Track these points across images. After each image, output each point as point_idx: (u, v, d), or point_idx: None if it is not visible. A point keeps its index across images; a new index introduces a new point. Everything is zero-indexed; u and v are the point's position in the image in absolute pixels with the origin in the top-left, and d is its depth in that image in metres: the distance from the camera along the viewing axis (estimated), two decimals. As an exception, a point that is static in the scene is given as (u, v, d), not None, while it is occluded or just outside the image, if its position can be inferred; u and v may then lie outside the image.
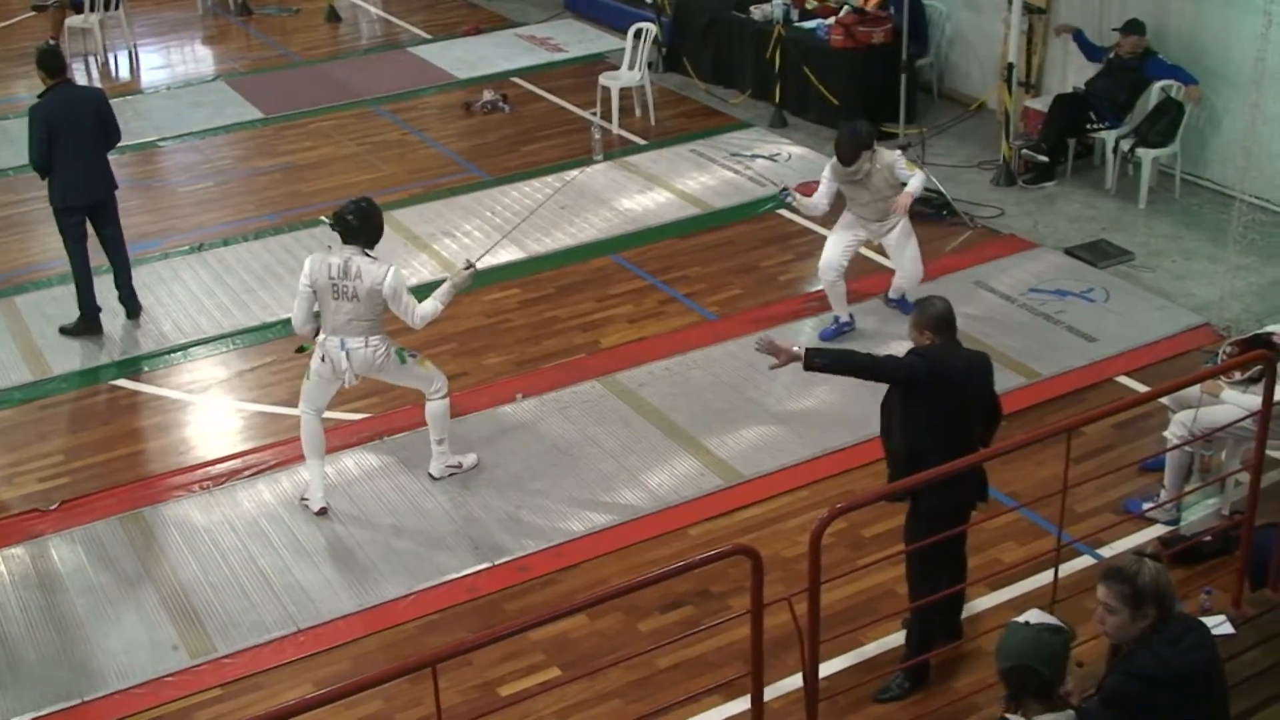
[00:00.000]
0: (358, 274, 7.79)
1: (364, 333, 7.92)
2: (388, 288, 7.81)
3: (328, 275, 7.83)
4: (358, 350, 7.94)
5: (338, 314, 7.88)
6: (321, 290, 7.88)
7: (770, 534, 7.95)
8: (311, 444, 8.22)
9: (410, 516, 8.26)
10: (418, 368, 8.26)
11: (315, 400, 8.18)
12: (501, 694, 6.89)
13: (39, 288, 11.13)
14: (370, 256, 7.89)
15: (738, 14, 14.74)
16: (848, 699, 6.59)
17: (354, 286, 7.79)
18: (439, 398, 8.34)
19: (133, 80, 16.55)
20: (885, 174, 9.49)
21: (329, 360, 7.99)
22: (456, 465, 8.57)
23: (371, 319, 7.91)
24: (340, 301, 7.84)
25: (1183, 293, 10.36)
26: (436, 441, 8.49)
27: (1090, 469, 8.11)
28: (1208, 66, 11.58)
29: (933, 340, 6.51)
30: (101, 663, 7.22)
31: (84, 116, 9.98)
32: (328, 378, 8.10)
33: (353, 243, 7.89)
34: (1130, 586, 4.92)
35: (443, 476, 8.52)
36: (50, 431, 9.31)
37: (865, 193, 9.58)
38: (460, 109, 14.85)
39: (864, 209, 9.70)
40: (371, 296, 7.81)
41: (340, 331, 7.92)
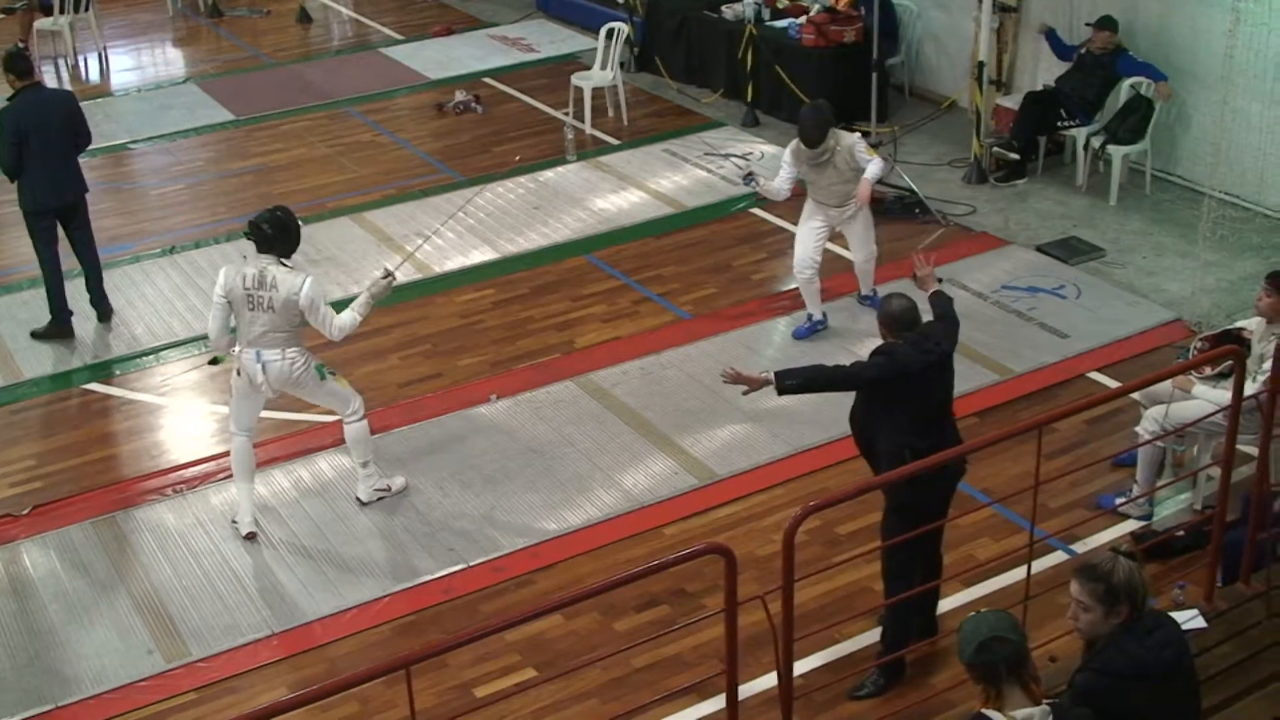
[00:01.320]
0: (273, 284, 7.57)
1: (280, 345, 7.69)
2: (304, 298, 7.59)
3: (242, 285, 7.61)
4: (274, 363, 7.71)
5: (253, 325, 7.65)
6: (237, 301, 7.65)
7: (745, 532, 7.97)
8: (241, 466, 8.02)
9: (383, 518, 8.24)
10: (336, 385, 8.04)
11: (242, 419, 7.98)
12: (477, 695, 6.89)
13: (9, 291, 11.08)
14: (286, 266, 7.68)
15: (709, 13, 14.76)
16: (823, 696, 6.60)
17: (270, 297, 7.58)
18: (355, 420, 8.11)
19: (103, 82, 16.48)
20: (846, 156, 9.46)
21: (245, 374, 7.78)
22: (385, 489, 8.38)
23: (288, 330, 7.68)
24: (256, 312, 7.62)
25: (1154, 289, 10.41)
26: (361, 465, 8.28)
27: (1063, 465, 8.15)
28: (1177, 63, 11.64)
29: (896, 337, 6.54)
30: (75, 668, 7.19)
31: (54, 119, 9.93)
32: (246, 393, 7.87)
33: (268, 252, 7.67)
34: (1105, 585, 4.94)
35: (371, 500, 8.32)
36: (22, 436, 9.27)
37: (827, 175, 9.55)
38: (432, 110, 14.83)
39: (825, 193, 9.67)
40: (288, 307, 7.59)
41: (256, 343, 7.69)
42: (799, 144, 9.52)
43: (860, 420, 6.69)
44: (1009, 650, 4.76)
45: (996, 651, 4.75)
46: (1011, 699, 4.77)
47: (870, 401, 6.60)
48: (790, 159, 9.69)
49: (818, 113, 9.46)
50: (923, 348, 6.47)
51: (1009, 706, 4.77)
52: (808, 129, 9.41)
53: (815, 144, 9.40)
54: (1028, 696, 4.78)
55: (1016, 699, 4.77)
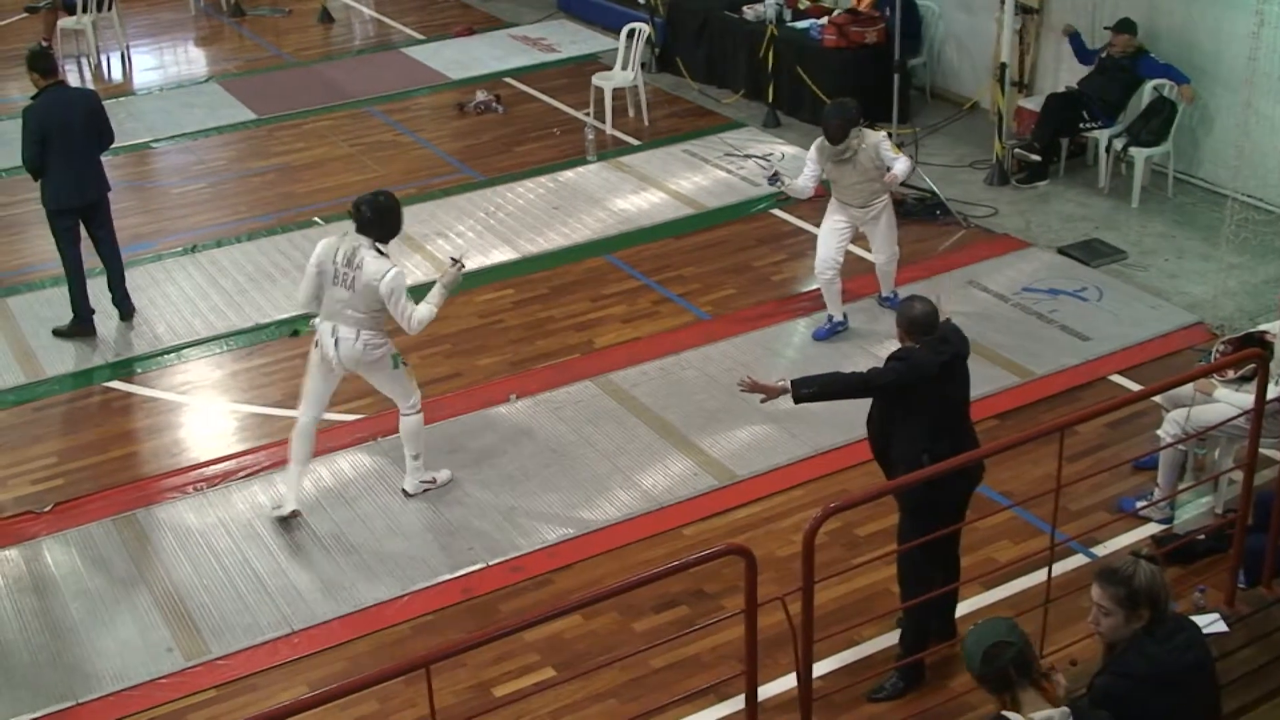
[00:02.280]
0: (359, 264, 7.70)
1: (357, 325, 7.83)
2: (385, 286, 7.70)
3: (332, 259, 7.79)
4: (347, 340, 7.85)
5: (334, 300, 7.83)
6: (324, 274, 7.83)
7: (764, 533, 7.95)
8: (300, 448, 8.11)
9: (404, 517, 8.26)
10: (404, 377, 8.16)
11: (312, 399, 8.11)
12: (496, 694, 6.89)
13: (32, 289, 11.12)
14: (379, 251, 7.81)
15: (730, 14, 14.75)
16: (842, 698, 6.58)
17: (353, 276, 7.72)
18: (413, 413, 8.22)
19: (125, 81, 16.54)
20: (871, 154, 9.43)
21: (321, 346, 7.94)
22: (431, 481, 8.46)
23: (365, 313, 7.81)
24: (337, 288, 7.79)
25: (1176, 291, 10.37)
26: (412, 457, 8.37)
27: (1084, 468, 8.12)
28: (1200, 66, 11.59)
29: (915, 341, 6.50)
30: (96, 665, 7.22)
31: (77, 118, 9.97)
32: (320, 369, 8.02)
33: (364, 233, 7.81)
34: (1126, 589, 4.93)
35: (417, 493, 8.40)
36: (44, 434, 9.30)
37: (851, 174, 9.54)
38: (453, 109, 14.85)
39: (848, 192, 9.66)
40: (368, 291, 7.72)
41: (334, 318, 7.86)
42: (823, 140, 9.53)
43: (877, 425, 6.66)
44: (1012, 653, 4.77)
45: (1001, 657, 4.76)
46: (1028, 701, 4.77)
47: (888, 407, 6.56)
48: (815, 155, 9.67)
49: (842, 109, 9.47)
50: (937, 349, 6.46)
51: (1027, 708, 4.77)
52: (831, 124, 9.42)
53: (838, 140, 9.39)
54: (1043, 696, 4.78)
55: (1033, 700, 4.77)
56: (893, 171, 9.48)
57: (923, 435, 6.40)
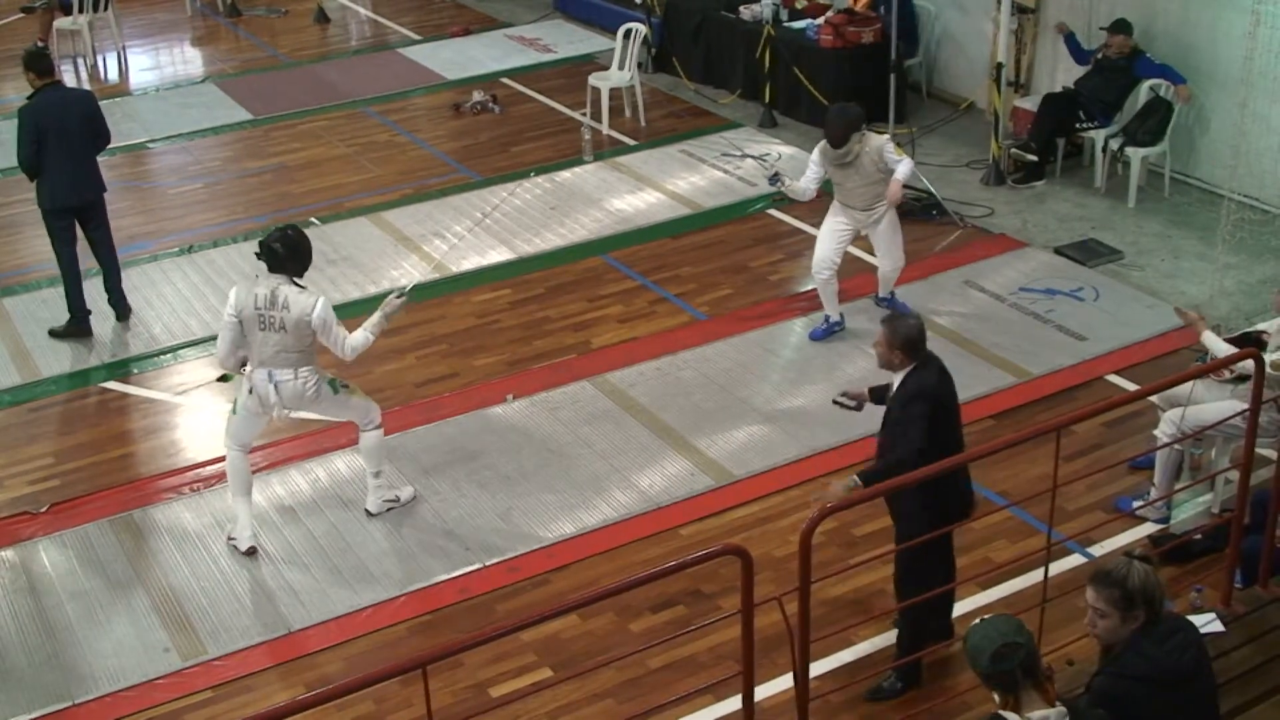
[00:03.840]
0: (285, 304, 7.47)
1: (293, 365, 7.64)
2: (316, 318, 7.51)
3: (254, 305, 7.51)
4: (287, 383, 7.66)
5: (265, 345, 7.58)
6: (248, 321, 7.54)
7: (761, 533, 7.96)
8: (239, 481, 7.96)
9: (400, 517, 8.25)
10: (351, 398, 8.00)
11: (242, 436, 7.92)
12: (493, 695, 6.88)
13: (28, 290, 11.11)
14: (298, 286, 7.62)
15: (727, 14, 14.76)
16: (839, 698, 6.59)
17: (281, 317, 7.48)
18: (372, 428, 8.05)
19: (121, 82, 16.53)
20: (874, 157, 9.41)
21: (256, 394, 7.72)
22: (394, 499, 8.34)
23: (300, 350, 7.63)
24: (267, 333, 7.53)
25: (1172, 291, 10.38)
26: (373, 475, 8.24)
27: (1080, 467, 8.13)
28: (1196, 66, 11.60)
29: (901, 360, 6.44)
30: (92, 666, 7.21)
31: (73, 118, 9.96)
32: (255, 412, 7.82)
33: (279, 271, 7.56)
34: (1120, 590, 4.92)
35: (380, 512, 8.28)
36: (40, 434, 9.29)
37: (854, 177, 9.52)
38: (450, 110, 14.85)
39: (851, 195, 9.64)
40: (300, 327, 7.51)
41: (268, 363, 7.64)
42: (825, 144, 9.54)
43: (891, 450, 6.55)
44: (1023, 654, 4.76)
45: (1011, 658, 4.74)
46: (1028, 701, 4.77)
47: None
48: (818, 158, 9.68)
49: (843, 112, 9.47)
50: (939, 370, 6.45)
51: (1026, 708, 4.76)
52: (833, 128, 9.43)
53: (840, 144, 9.39)
54: (1043, 697, 4.78)
55: (1033, 701, 4.76)
56: (891, 191, 9.41)
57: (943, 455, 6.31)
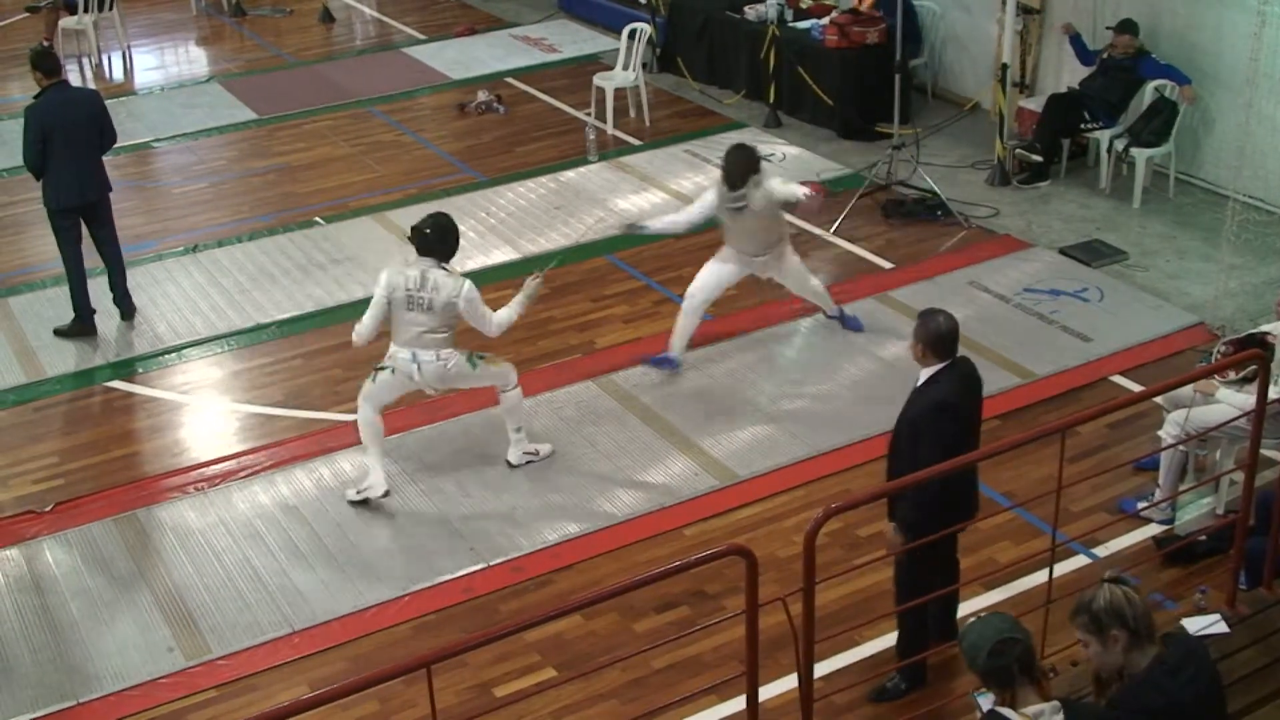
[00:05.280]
0: (434, 286, 7.88)
1: (436, 345, 8.00)
2: (464, 299, 7.91)
3: (405, 287, 7.90)
4: (429, 364, 8.03)
5: (411, 326, 7.96)
6: (397, 302, 7.95)
7: (765, 534, 7.95)
8: (371, 436, 8.24)
9: (405, 517, 8.26)
10: (490, 367, 8.35)
11: (376, 401, 8.24)
12: (497, 695, 6.89)
13: (33, 289, 11.12)
14: (445, 269, 7.98)
15: (732, 14, 14.74)
16: (843, 699, 6.59)
17: (430, 298, 7.89)
18: (511, 389, 8.44)
19: (126, 81, 16.54)
20: (766, 198, 9.01)
21: (399, 373, 8.07)
22: (534, 453, 8.65)
23: (445, 332, 8.01)
24: (415, 313, 7.92)
25: (1177, 292, 10.37)
26: (514, 430, 8.58)
27: (1085, 468, 8.12)
28: (1201, 66, 11.59)
29: (924, 355, 6.33)
30: (96, 664, 7.22)
31: (79, 117, 9.97)
32: (394, 387, 8.19)
33: (429, 255, 7.98)
34: (1087, 615, 4.92)
35: (520, 464, 8.60)
36: (44, 433, 9.30)
37: (746, 221, 9.14)
38: (454, 110, 14.85)
39: (740, 239, 9.28)
40: (447, 309, 7.91)
41: (412, 344, 8.00)
42: (721, 184, 9.13)
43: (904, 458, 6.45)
44: (1019, 650, 4.80)
45: (1007, 654, 4.78)
46: (1024, 697, 4.79)
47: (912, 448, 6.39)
48: (713, 197, 9.23)
49: (742, 153, 9.08)
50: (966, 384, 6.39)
51: (1021, 704, 4.78)
52: (730, 168, 9.02)
53: (736, 185, 9.00)
54: (1038, 693, 4.80)
55: (1029, 698, 4.79)
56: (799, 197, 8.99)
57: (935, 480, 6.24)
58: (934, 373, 6.35)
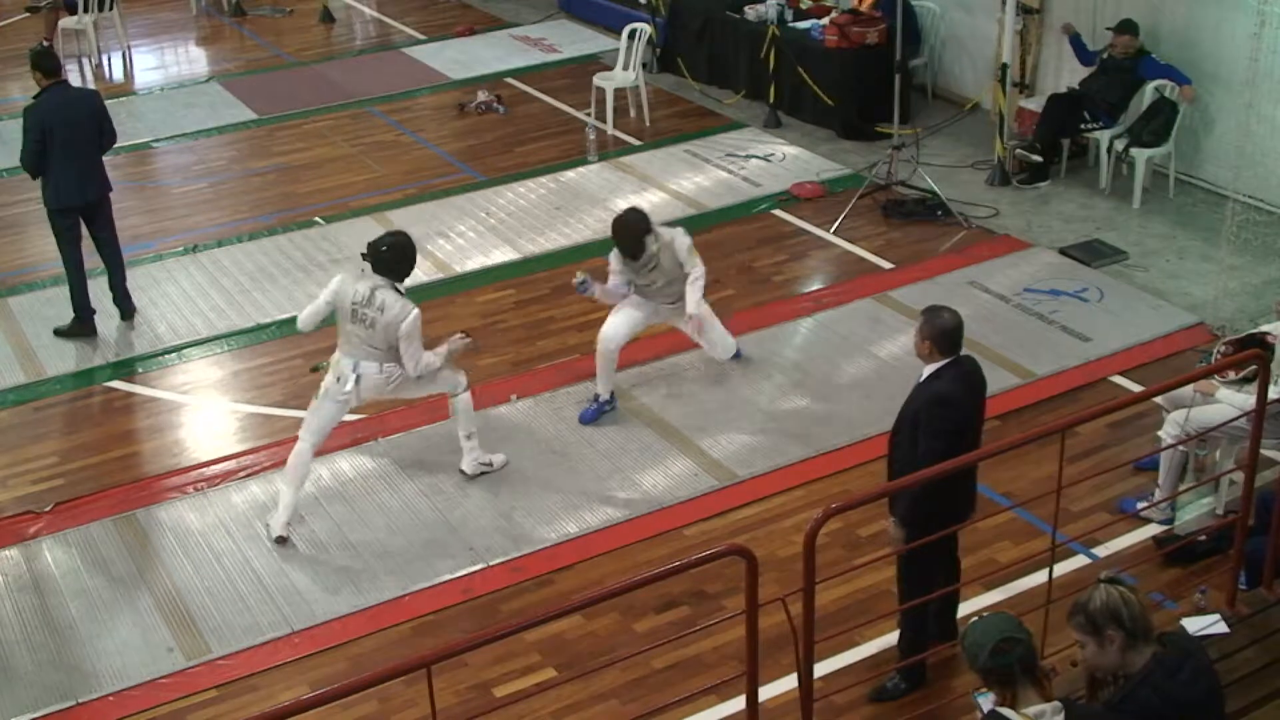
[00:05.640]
0: (381, 306, 7.80)
1: (379, 359, 7.95)
2: (405, 329, 7.80)
3: (350, 299, 7.86)
4: (369, 374, 7.96)
5: (352, 335, 7.92)
6: (341, 310, 7.92)
7: (765, 534, 7.95)
8: (297, 472, 8.07)
9: (404, 518, 8.26)
10: (437, 374, 8.22)
11: (317, 427, 8.10)
12: (497, 695, 6.89)
13: (33, 289, 11.11)
14: (398, 291, 7.90)
15: (732, 14, 14.75)
16: (843, 699, 6.59)
17: (374, 317, 7.82)
18: (462, 392, 8.39)
19: (126, 81, 16.54)
20: (670, 253, 8.81)
21: (342, 379, 7.99)
22: (488, 464, 8.57)
23: (385, 349, 7.92)
24: (356, 326, 7.88)
25: (1177, 292, 10.37)
26: (465, 437, 8.49)
27: (1085, 468, 8.12)
28: (1201, 67, 11.59)
29: (930, 352, 6.33)
30: (96, 665, 7.21)
31: (79, 117, 9.96)
32: (336, 398, 8.03)
33: (384, 273, 7.91)
34: (1083, 615, 4.92)
35: (475, 474, 8.53)
36: (44, 433, 9.30)
37: (658, 278, 8.90)
38: (454, 110, 14.85)
39: (654, 292, 9.00)
40: (388, 330, 7.82)
41: (354, 353, 7.95)
42: (620, 255, 8.87)
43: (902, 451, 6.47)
44: (1021, 650, 4.80)
45: (1009, 653, 4.79)
46: (1025, 697, 4.79)
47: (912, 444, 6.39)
48: (617, 266, 8.94)
49: (628, 224, 8.74)
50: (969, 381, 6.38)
51: (1023, 704, 4.79)
52: (624, 241, 8.75)
53: (636, 255, 8.76)
54: (1040, 693, 4.81)
55: (1030, 698, 4.79)
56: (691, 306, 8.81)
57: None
58: (938, 368, 6.36)
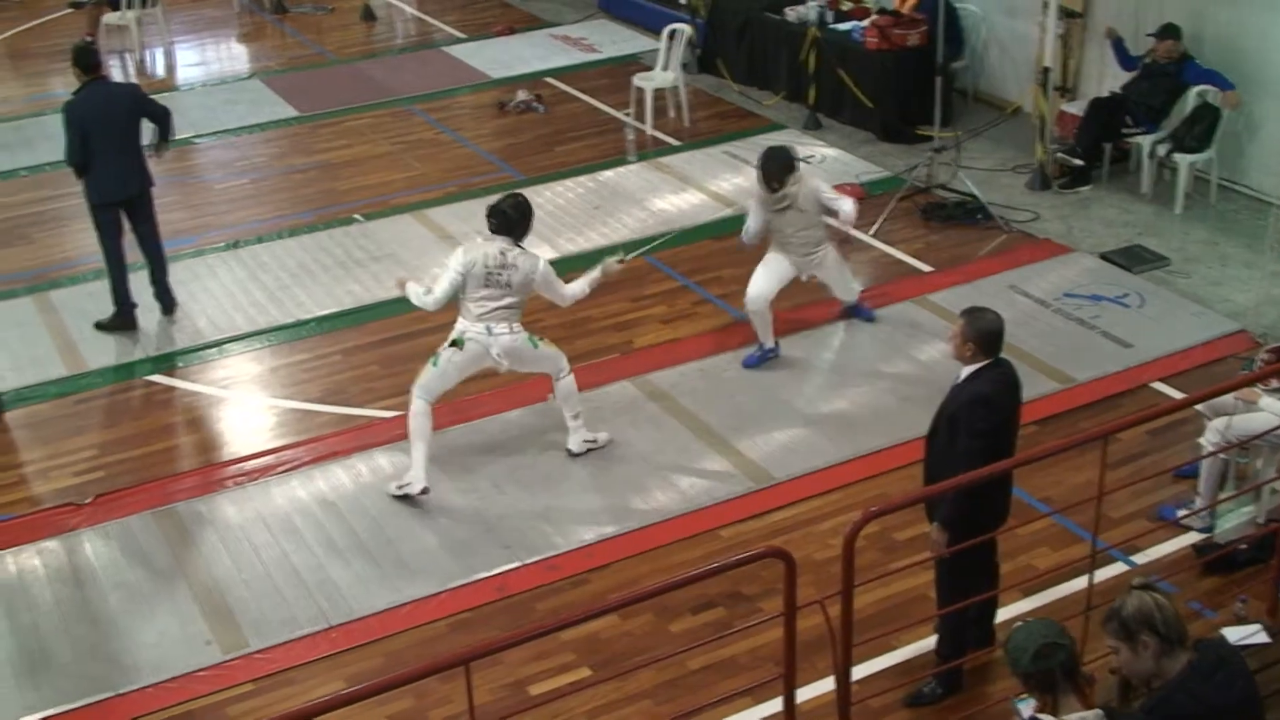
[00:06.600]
0: (513, 263, 8.13)
1: (509, 319, 8.20)
2: (540, 275, 8.21)
3: (484, 264, 8.09)
4: (504, 337, 8.20)
5: (487, 301, 8.15)
6: (473, 278, 8.14)
7: (802, 536, 7.94)
8: (420, 429, 8.32)
9: (441, 515, 8.27)
10: (547, 349, 8.50)
11: (434, 389, 8.36)
12: (532, 693, 6.90)
13: (75, 283, 11.19)
14: (521, 248, 8.23)
15: (772, 15, 14.72)
16: (880, 703, 6.58)
17: (509, 275, 8.12)
18: (566, 375, 8.59)
19: (168, 78, 16.64)
20: (810, 199, 9.27)
21: (469, 348, 8.21)
22: (593, 441, 8.74)
23: (519, 306, 8.23)
24: (492, 289, 8.14)
25: (1219, 299, 10.30)
26: (572, 417, 8.68)
27: (1124, 475, 8.07)
28: (1245, 72, 11.51)
29: (972, 353, 6.31)
30: (135, 656, 7.26)
31: (118, 112, 10.03)
32: (460, 366, 8.31)
33: (506, 234, 8.21)
34: (1117, 621, 4.90)
35: (581, 452, 8.69)
36: (85, 426, 9.36)
37: (793, 221, 9.34)
38: (494, 109, 14.88)
39: (788, 240, 9.45)
40: (525, 285, 8.18)
41: (487, 319, 8.17)
42: (761, 190, 9.39)
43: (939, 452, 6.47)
44: (1064, 656, 4.78)
45: (1052, 658, 4.77)
46: (1067, 704, 4.77)
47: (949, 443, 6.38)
48: (755, 206, 9.57)
49: (777, 156, 9.30)
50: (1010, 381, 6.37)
51: (1064, 711, 4.77)
52: (767, 171, 9.26)
53: (775, 189, 9.25)
54: (1081, 701, 4.78)
55: (1071, 705, 4.77)
56: (844, 213, 9.29)
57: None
58: (976, 369, 6.35)
